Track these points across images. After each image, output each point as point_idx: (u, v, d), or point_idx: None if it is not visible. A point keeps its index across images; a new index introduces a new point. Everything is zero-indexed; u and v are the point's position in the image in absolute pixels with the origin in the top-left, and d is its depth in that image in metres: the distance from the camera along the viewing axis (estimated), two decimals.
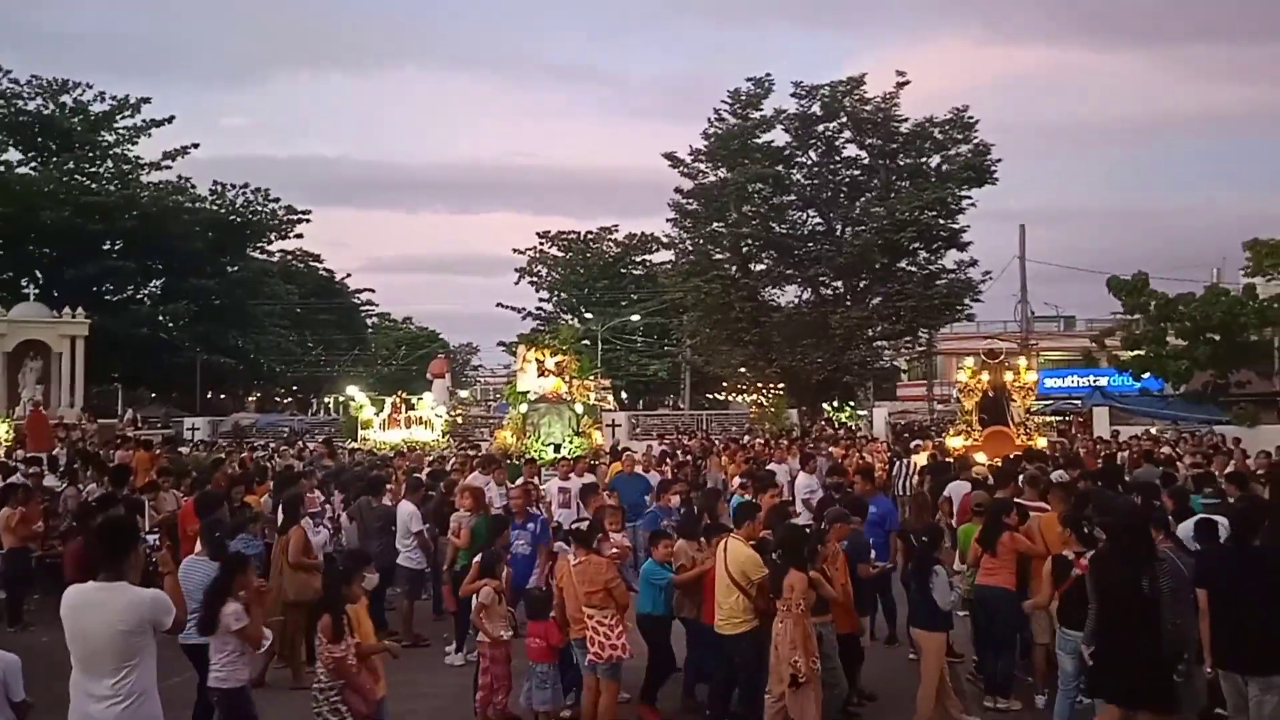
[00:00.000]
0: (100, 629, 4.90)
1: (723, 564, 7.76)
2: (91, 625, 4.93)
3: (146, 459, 17.44)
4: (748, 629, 7.59)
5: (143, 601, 4.99)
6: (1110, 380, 36.65)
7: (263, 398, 64.01)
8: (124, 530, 5.43)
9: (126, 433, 26.50)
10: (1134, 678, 6.47)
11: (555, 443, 17.37)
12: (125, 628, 4.90)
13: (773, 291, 42.63)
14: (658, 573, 8.40)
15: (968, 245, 39.80)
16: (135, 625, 4.92)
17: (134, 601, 4.96)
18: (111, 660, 4.89)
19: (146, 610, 4.98)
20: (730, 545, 7.87)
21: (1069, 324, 55.69)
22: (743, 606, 7.62)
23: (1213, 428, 25.79)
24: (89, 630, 4.93)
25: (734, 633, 7.67)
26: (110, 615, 4.90)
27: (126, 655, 4.90)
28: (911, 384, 57.20)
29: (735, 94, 40.72)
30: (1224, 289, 31.33)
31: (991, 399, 20.29)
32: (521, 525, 9.88)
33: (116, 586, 5.00)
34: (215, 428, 37.13)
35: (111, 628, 4.89)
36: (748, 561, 7.66)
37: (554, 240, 62.33)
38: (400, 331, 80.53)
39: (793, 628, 7.11)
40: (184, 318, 45.41)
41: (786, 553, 7.46)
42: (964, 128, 39.37)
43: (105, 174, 46.25)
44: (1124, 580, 6.55)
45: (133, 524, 6.70)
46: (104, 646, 4.90)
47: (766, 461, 17.75)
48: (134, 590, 5.02)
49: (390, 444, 24.00)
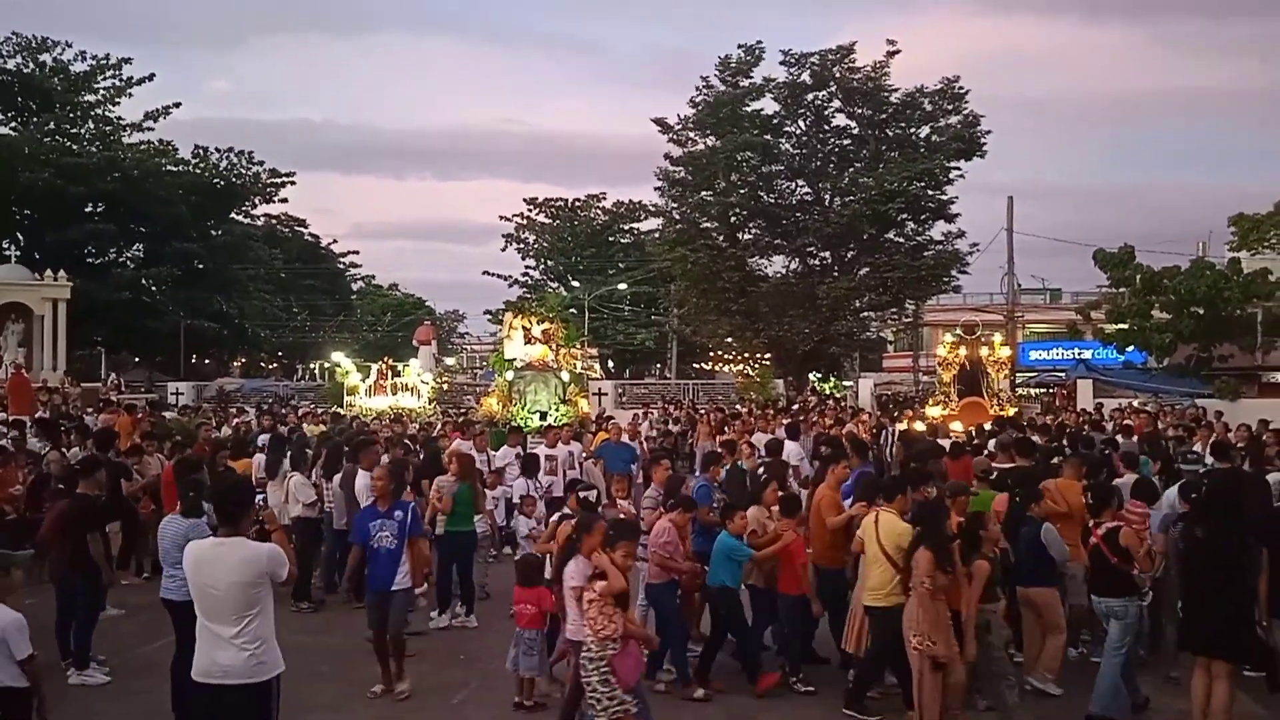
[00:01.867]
0: (221, 581, 5.21)
1: (874, 537, 7.67)
2: (213, 578, 5.24)
3: (129, 423, 17.35)
4: (898, 602, 7.45)
5: (260, 556, 5.29)
6: (1094, 353, 36.87)
7: (248, 363, 63.69)
8: (241, 490, 5.95)
9: (110, 397, 26.31)
10: (1226, 632, 6.91)
11: (541, 410, 17.34)
12: (244, 579, 5.21)
13: (760, 261, 42.61)
14: (738, 549, 8.33)
15: (956, 217, 39.87)
16: (254, 578, 5.23)
17: (251, 556, 5.27)
18: (233, 610, 5.19)
19: (264, 564, 5.27)
20: (882, 518, 7.77)
21: (1055, 297, 55.86)
22: (893, 580, 7.53)
23: (1195, 401, 25.99)
24: (211, 583, 5.24)
25: (884, 605, 7.58)
26: (230, 569, 5.21)
27: (248, 605, 5.21)
28: (898, 355, 57.39)
29: (725, 61, 40.42)
30: (1209, 263, 31.46)
31: (968, 372, 21.93)
32: (387, 514, 8.29)
33: (234, 542, 5.34)
34: (199, 393, 36.91)
35: (231, 580, 5.20)
36: (904, 534, 7.53)
37: (541, 207, 62.01)
38: (386, 298, 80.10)
39: (916, 607, 7.02)
40: (167, 282, 45.03)
41: (923, 530, 7.32)
42: (954, 99, 39.23)
43: (86, 135, 45.60)
44: (1213, 542, 6.99)
45: (249, 485, 7.39)
46: (225, 597, 5.20)
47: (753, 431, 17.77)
48: (251, 545, 5.36)
49: (377, 410, 23.94)
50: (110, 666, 8.82)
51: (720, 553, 8.35)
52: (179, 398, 34.31)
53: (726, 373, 50.96)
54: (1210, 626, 6.96)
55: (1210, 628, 6.96)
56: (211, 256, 47.85)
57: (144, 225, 45.49)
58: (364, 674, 8.43)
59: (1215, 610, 6.94)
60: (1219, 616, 6.92)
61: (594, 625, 6.46)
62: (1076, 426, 19.35)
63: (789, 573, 8.46)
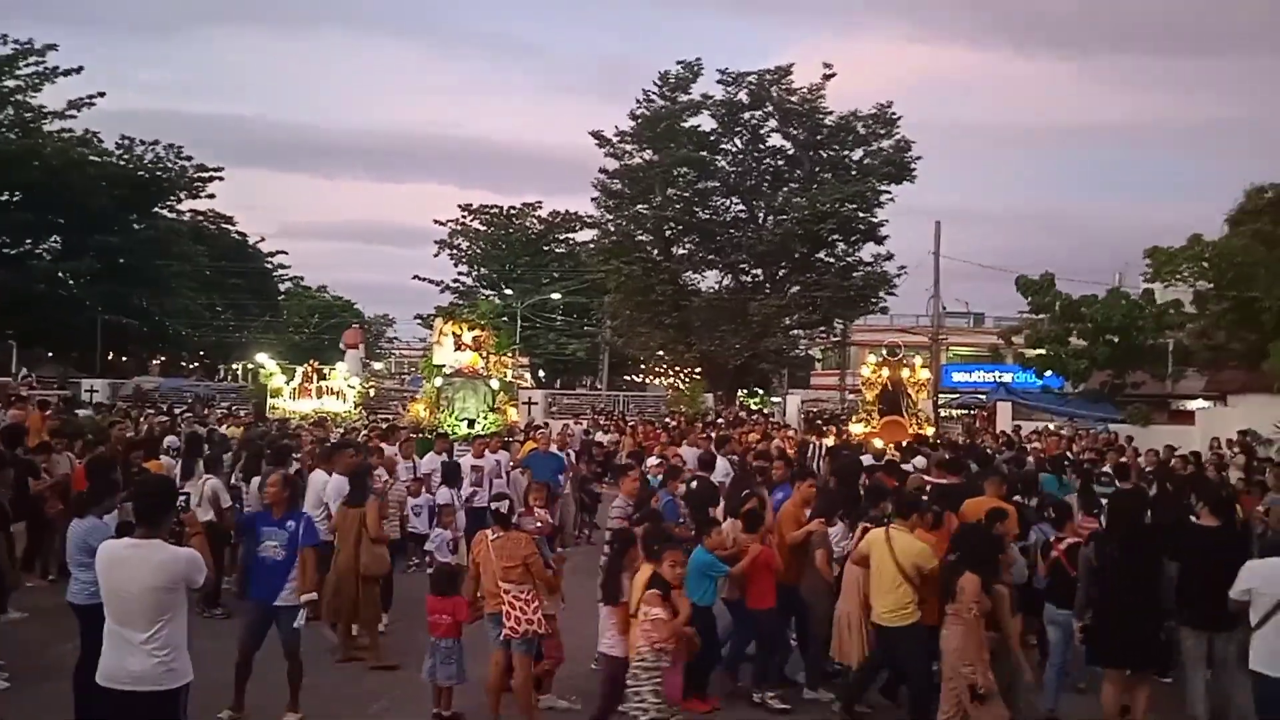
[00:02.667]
0: (135, 585, 5.04)
1: (888, 555, 7.56)
2: (127, 581, 5.07)
3: (39, 420, 16.78)
4: (915, 620, 7.45)
5: (178, 560, 5.15)
6: (1015, 377, 37.80)
7: (167, 361, 61.95)
8: (163, 491, 5.74)
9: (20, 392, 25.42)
10: (1137, 643, 7.27)
11: (470, 418, 17.12)
12: (159, 584, 5.05)
13: (693, 276, 42.98)
14: (714, 565, 8.11)
15: (885, 239, 40.70)
16: (169, 582, 5.08)
17: (169, 560, 5.12)
18: (146, 615, 5.03)
19: (182, 568, 5.13)
20: (897, 536, 7.66)
21: (978, 321, 57.14)
22: (909, 598, 7.47)
23: (1108, 426, 26.80)
24: (124, 586, 5.07)
25: (901, 625, 7.50)
26: (145, 572, 5.05)
27: (161, 610, 5.05)
28: (825, 373, 58.15)
29: (664, 76, 40.76)
30: (1124, 293, 32.48)
31: (890, 392, 22.92)
32: (279, 523, 7.75)
33: (152, 545, 5.14)
34: (115, 391, 35.84)
35: (145, 584, 5.04)
36: (923, 554, 7.48)
37: (476, 214, 61.60)
38: (314, 299, 78.72)
39: (963, 635, 6.85)
40: (86, 276, 43.68)
41: (966, 553, 7.23)
42: (887, 123, 40.09)
43: (5, 121, 44.05)
44: (1127, 559, 7.37)
45: (171, 485, 6.96)
46: (138, 602, 5.04)
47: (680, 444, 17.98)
48: (169, 548, 5.19)
49: (301, 414, 23.49)
50: (11, 671, 8.52)
51: (695, 569, 7.91)
52: (93, 395, 33.29)
53: (657, 385, 51.15)
54: (1128, 639, 7.25)
55: (1128, 640, 7.25)
56: (134, 251, 46.50)
57: (63, 216, 44.03)
58: (276, 680, 8.26)
59: (1132, 624, 7.25)
60: (1136, 630, 7.23)
61: (649, 636, 6.51)
62: (996, 448, 19.87)
63: (757, 587, 8.39)
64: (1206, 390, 33.03)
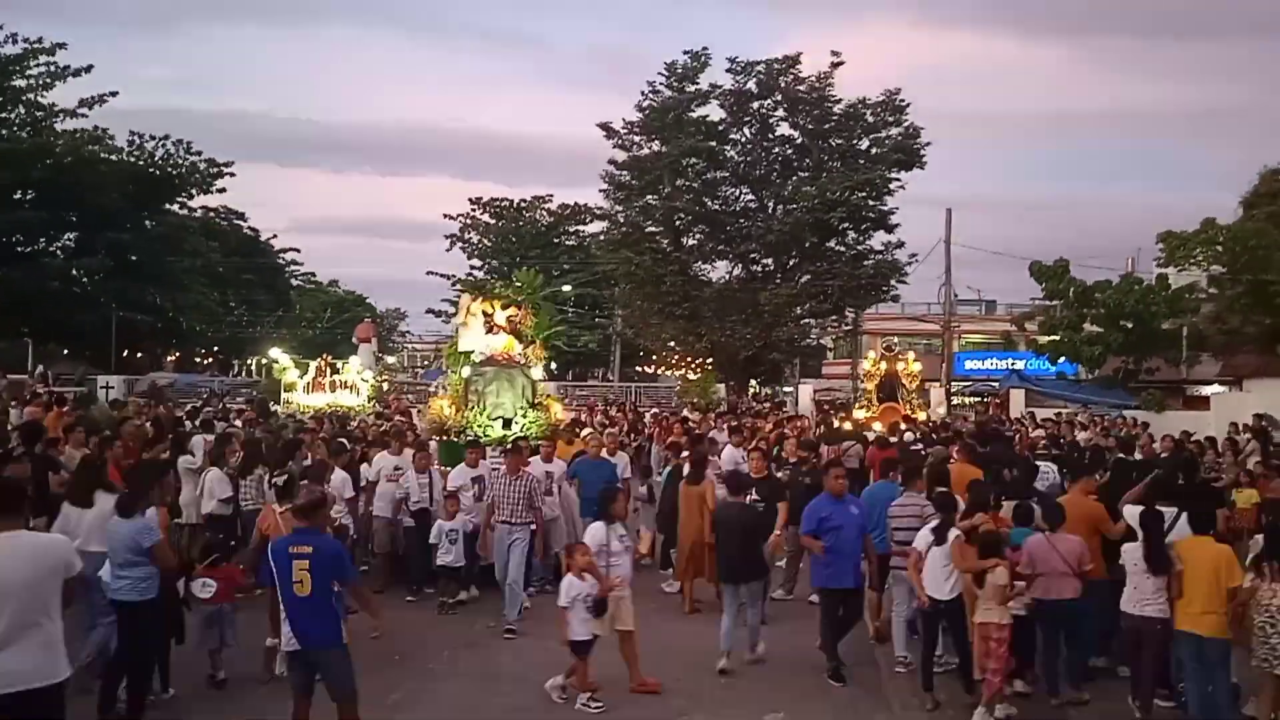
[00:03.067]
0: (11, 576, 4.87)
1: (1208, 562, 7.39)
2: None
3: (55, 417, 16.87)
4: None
5: (54, 548, 5.12)
6: (1028, 363, 37.69)
7: (182, 357, 62.26)
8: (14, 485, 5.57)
9: (37, 389, 25.59)
10: None
11: (505, 416, 13.35)
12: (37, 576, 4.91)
13: (703, 266, 42.91)
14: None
15: (895, 227, 40.56)
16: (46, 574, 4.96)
17: (42, 549, 5.06)
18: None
19: (60, 556, 5.06)
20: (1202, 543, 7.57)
21: (990, 308, 56.94)
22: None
23: (1122, 412, 26.70)
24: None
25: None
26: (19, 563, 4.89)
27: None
28: (837, 363, 58.03)
29: (672, 67, 40.64)
30: (1138, 278, 32.27)
31: (887, 382, 25.66)
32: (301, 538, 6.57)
33: (13, 535, 5.01)
34: (130, 387, 36.06)
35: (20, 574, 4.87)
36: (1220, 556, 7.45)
37: (486, 207, 61.67)
38: (326, 294, 79.00)
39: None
40: (99, 273, 43.86)
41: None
42: (895, 110, 39.91)
43: (16, 120, 44.25)
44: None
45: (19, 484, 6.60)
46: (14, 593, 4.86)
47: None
48: (43, 537, 5.27)
49: (314, 408, 23.57)
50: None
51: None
52: (109, 392, 33.49)
53: (669, 376, 51.13)
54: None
55: None
56: (146, 248, 46.68)
57: (76, 214, 44.21)
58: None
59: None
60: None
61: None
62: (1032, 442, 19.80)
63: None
64: (1221, 375, 32.84)
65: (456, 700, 8.19)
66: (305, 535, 6.47)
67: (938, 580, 8.10)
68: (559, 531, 11.92)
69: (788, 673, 8.94)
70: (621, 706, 7.99)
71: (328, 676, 6.40)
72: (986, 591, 7.71)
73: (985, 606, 7.70)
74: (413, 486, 11.61)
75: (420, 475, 11.70)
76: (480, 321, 14.12)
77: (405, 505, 11.68)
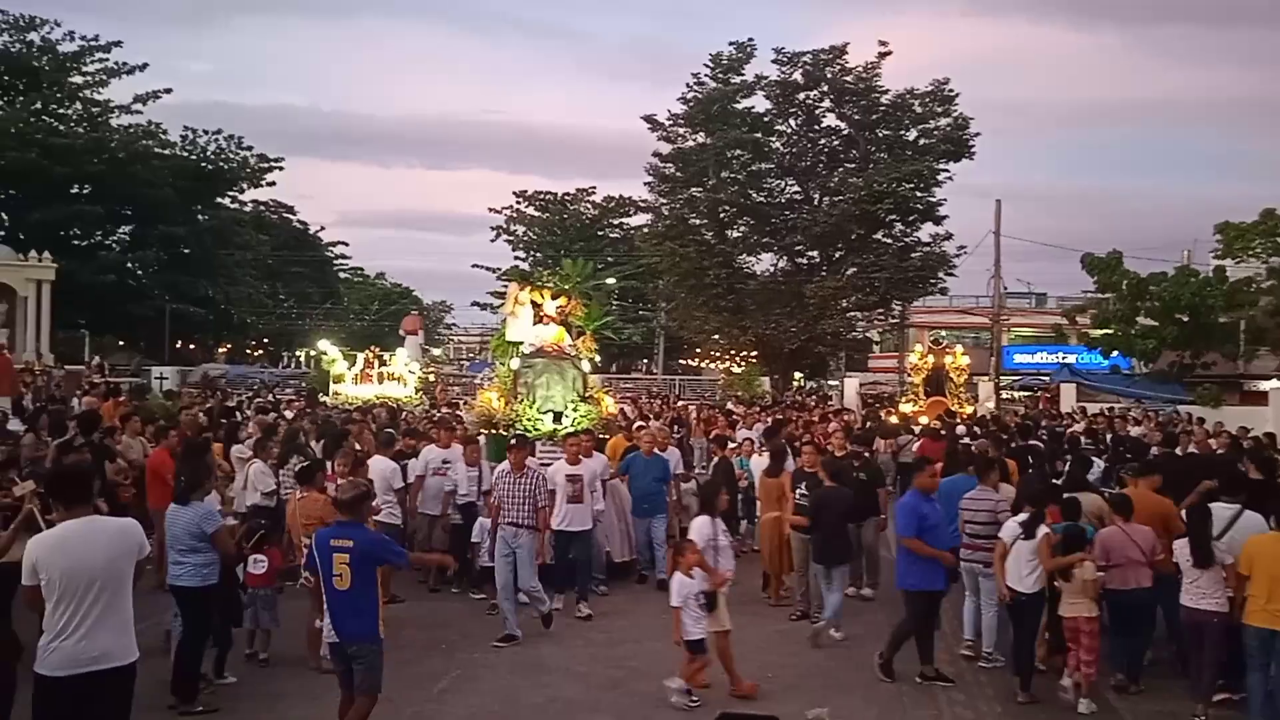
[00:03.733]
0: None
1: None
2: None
3: (112, 407, 17.22)
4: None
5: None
6: (1079, 357, 37.09)
7: (232, 349, 63.44)
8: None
9: (93, 379, 26.18)
10: None
11: (555, 410, 12.68)
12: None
13: (748, 259, 42.73)
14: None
15: (944, 219, 40.06)
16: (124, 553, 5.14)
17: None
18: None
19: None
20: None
21: (1040, 301, 56.13)
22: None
23: (1177, 408, 26.18)
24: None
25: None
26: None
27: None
28: (883, 356, 57.55)
29: (717, 58, 40.48)
30: (1194, 270, 31.64)
31: (934, 376, 25.89)
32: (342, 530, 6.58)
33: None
34: (184, 377, 36.78)
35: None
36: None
37: (531, 200, 61.95)
38: (373, 287, 79.93)
39: None
40: (153, 265, 44.81)
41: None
42: (944, 101, 39.40)
43: (73, 116, 45.29)
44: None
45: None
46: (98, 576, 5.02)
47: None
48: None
49: (363, 399, 23.84)
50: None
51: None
52: (163, 382, 34.17)
53: (712, 369, 51.03)
54: None
55: None
56: (198, 241, 47.62)
57: (130, 208, 45.24)
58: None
59: None
60: None
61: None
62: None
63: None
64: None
65: (500, 690, 8.24)
66: (346, 528, 6.46)
67: (1020, 574, 8.07)
68: (610, 529, 11.67)
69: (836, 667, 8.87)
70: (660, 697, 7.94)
71: (358, 669, 6.43)
72: (1074, 585, 7.79)
73: (1072, 600, 7.80)
74: (461, 479, 11.25)
75: (470, 469, 11.34)
76: (529, 311, 13.57)
77: (453, 500, 11.31)
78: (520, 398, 12.87)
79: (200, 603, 7.43)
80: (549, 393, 12.88)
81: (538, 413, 12.58)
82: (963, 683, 8.45)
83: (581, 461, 10.71)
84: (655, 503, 11.90)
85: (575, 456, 10.72)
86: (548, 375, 13.01)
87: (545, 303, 13.51)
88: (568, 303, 13.66)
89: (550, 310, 13.47)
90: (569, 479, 10.52)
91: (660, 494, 11.99)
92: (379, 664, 6.44)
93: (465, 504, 11.26)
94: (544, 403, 12.75)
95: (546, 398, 12.82)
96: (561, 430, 12.16)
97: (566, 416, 12.59)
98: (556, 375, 13.02)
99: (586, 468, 10.74)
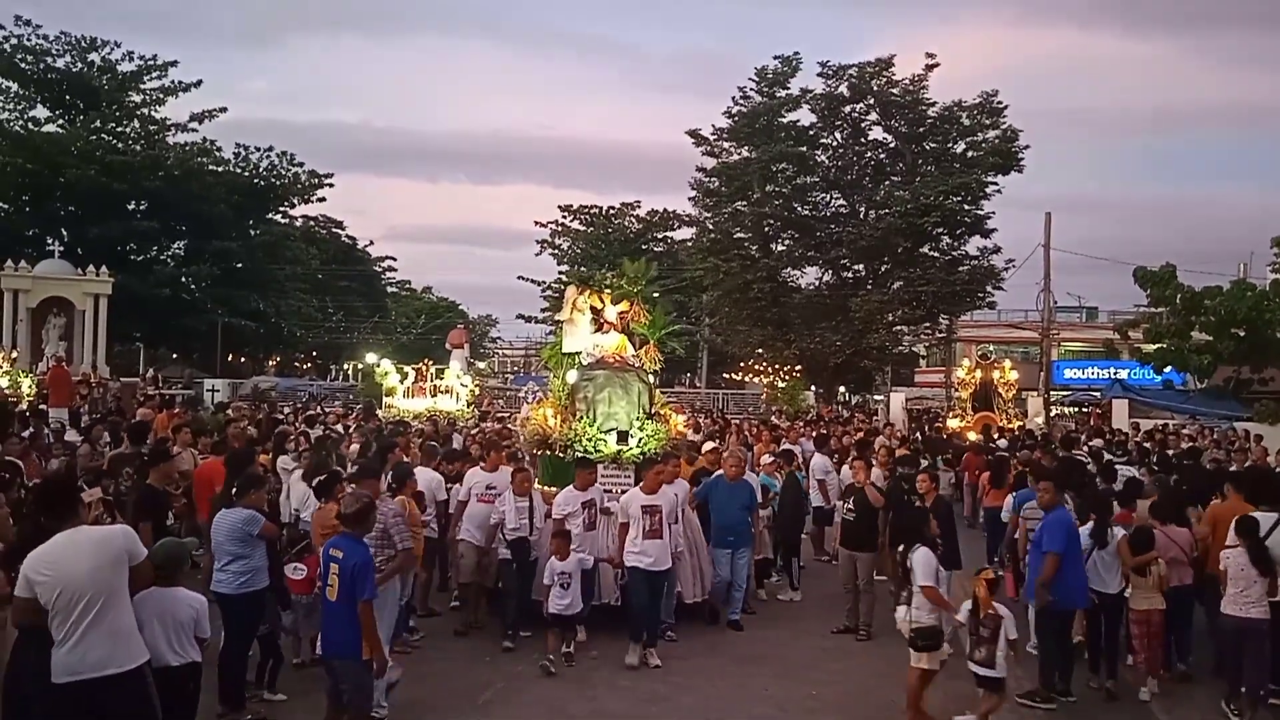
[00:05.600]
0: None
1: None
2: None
3: (165, 419, 17.56)
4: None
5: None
6: (1131, 373, 36.38)
7: (282, 362, 64.44)
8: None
9: (148, 391, 26.73)
10: None
11: (619, 428, 11.08)
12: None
13: (793, 272, 42.62)
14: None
15: (992, 232, 39.63)
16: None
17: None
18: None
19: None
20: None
21: (1091, 315, 55.23)
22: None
23: (1233, 424, 25.56)
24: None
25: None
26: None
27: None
28: (930, 370, 56.96)
29: (762, 72, 40.50)
30: (1250, 284, 30.92)
31: (982, 391, 25.83)
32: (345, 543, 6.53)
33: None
34: (235, 390, 37.41)
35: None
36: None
37: (576, 214, 62.30)
38: (420, 301, 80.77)
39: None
40: (206, 280, 45.66)
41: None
42: (992, 113, 39.04)
43: (131, 134, 46.40)
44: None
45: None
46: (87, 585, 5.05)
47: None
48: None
49: (414, 412, 24.00)
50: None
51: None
52: (215, 394, 34.76)
53: (756, 383, 50.85)
54: None
55: None
56: (250, 255, 48.48)
57: (185, 223, 46.17)
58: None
59: None
60: None
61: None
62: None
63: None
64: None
65: (545, 702, 8.25)
66: (343, 541, 6.43)
67: (1104, 577, 8.56)
68: (684, 568, 10.12)
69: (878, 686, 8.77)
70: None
71: (342, 685, 6.38)
72: (1149, 581, 8.42)
73: (1147, 595, 8.42)
74: (509, 511, 9.63)
75: (520, 499, 9.71)
76: (587, 318, 11.94)
77: (501, 532, 9.80)
78: (580, 415, 11.22)
79: (241, 610, 7.47)
80: (611, 409, 11.27)
81: (599, 431, 10.96)
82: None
83: (661, 490, 9.45)
84: (741, 534, 10.52)
85: (656, 485, 9.44)
86: (610, 390, 11.39)
87: (606, 308, 11.92)
88: (629, 308, 12.01)
89: (611, 316, 11.90)
90: (645, 510, 9.21)
91: (746, 525, 10.64)
92: (367, 684, 6.38)
93: (516, 539, 9.64)
94: (606, 420, 11.15)
95: (609, 414, 11.22)
96: (628, 452, 10.71)
97: (633, 436, 10.97)
98: (620, 389, 11.41)
99: (665, 496, 9.42)
